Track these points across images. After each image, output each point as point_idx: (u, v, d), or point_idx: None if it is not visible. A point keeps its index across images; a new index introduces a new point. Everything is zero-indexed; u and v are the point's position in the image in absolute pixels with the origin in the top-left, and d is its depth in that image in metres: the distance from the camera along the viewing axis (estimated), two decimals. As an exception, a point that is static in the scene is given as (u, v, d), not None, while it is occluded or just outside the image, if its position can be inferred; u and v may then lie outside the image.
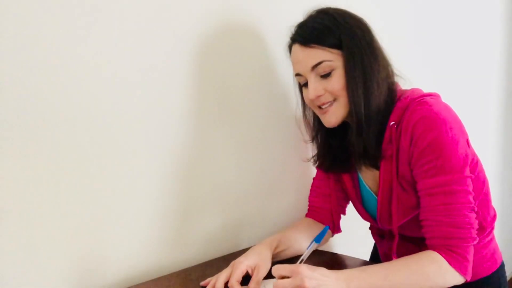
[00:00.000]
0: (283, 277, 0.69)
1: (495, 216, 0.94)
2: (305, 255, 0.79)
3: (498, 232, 2.59)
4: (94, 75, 0.78)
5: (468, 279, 0.78)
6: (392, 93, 0.86)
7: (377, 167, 0.87)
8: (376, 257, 1.11)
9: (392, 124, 0.83)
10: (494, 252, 0.95)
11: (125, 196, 0.84)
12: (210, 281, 0.80)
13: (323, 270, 0.70)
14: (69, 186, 0.76)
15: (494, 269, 0.94)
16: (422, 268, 0.75)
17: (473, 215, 0.77)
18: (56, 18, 0.73)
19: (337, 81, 0.82)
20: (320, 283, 0.67)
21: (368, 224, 1.07)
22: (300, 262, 0.77)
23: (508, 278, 2.67)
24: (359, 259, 0.97)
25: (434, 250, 0.77)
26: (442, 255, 0.76)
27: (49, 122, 0.73)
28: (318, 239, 0.78)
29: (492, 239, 0.95)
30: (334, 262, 0.95)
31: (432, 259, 0.76)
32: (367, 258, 1.18)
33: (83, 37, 0.76)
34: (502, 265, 0.97)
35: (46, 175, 0.74)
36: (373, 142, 0.84)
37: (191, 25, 0.92)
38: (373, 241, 1.18)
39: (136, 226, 0.87)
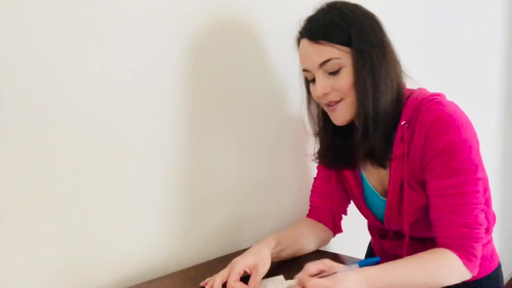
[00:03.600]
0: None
1: (494, 218, 0.95)
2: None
3: (498, 233, 2.60)
4: (96, 76, 0.78)
5: (475, 274, 0.80)
6: (400, 93, 0.85)
7: (384, 166, 0.87)
8: (372, 257, 1.11)
9: (404, 123, 0.82)
10: (493, 253, 0.96)
11: (125, 196, 0.84)
12: (209, 281, 0.80)
13: (346, 276, 0.70)
14: (69, 187, 0.76)
15: (493, 269, 0.95)
16: (440, 267, 0.77)
17: (483, 215, 0.79)
18: (55, 19, 0.73)
19: (345, 80, 0.81)
20: None
21: (364, 223, 1.07)
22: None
23: (508, 279, 2.67)
24: (359, 259, 0.97)
25: (447, 248, 0.79)
26: (456, 254, 0.78)
27: (49, 122, 0.73)
28: (362, 263, 0.78)
29: (491, 240, 0.97)
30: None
31: (448, 258, 0.78)
32: (362, 257, 1.18)
33: (83, 37, 0.76)
34: (499, 265, 0.98)
35: (47, 175, 0.74)
36: (379, 143, 0.83)
37: (191, 25, 0.92)
38: (366, 241, 1.17)
39: (136, 226, 0.87)
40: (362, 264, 0.77)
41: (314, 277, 0.71)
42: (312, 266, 0.72)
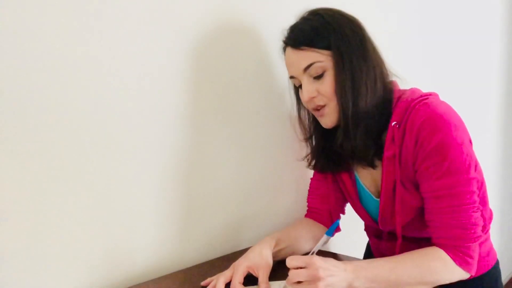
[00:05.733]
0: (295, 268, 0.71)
1: (491, 216, 0.95)
2: (316, 247, 0.80)
3: (498, 233, 2.60)
4: (94, 76, 0.79)
5: (473, 274, 0.80)
6: (388, 93, 0.86)
7: (373, 166, 0.87)
8: (370, 257, 1.11)
9: (394, 124, 0.83)
10: (490, 251, 0.96)
11: (125, 196, 0.85)
12: (211, 281, 0.80)
13: (333, 261, 0.72)
14: (69, 187, 0.77)
15: (490, 267, 0.95)
16: (428, 262, 0.77)
17: (478, 214, 0.79)
18: (56, 19, 0.73)
19: (329, 83, 0.83)
20: (332, 273, 0.69)
21: (362, 224, 1.08)
22: (312, 254, 0.78)
23: (508, 279, 2.67)
24: (357, 258, 0.98)
25: (441, 248, 0.79)
26: (448, 254, 0.78)
27: (49, 122, 0.74)
28: (330, 232, 0.79)
29: (488, 238, 0.97)
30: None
31: (437, 256, 0.78)
32: (361, 257, 1.19)
33: (83, 37, 0.77)
34: (497, 263, 0.98)
35: (46, 176, 0.74)
36: (361, 144, 0.84)
37: (189, 25, 0.92)
38: (365, 242, 1.18)
39: (136, 226, 0.87)
40: (330, 232, 0.79)
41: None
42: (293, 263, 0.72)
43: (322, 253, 1.00)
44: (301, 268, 0.70)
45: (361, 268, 0.73)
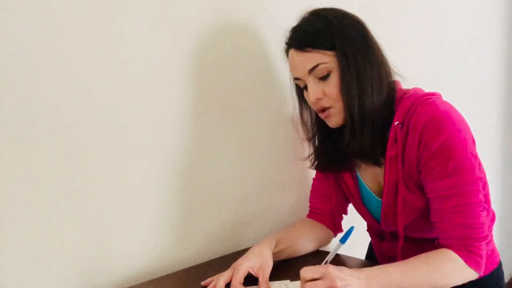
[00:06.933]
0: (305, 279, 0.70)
1: (494, 217, 0.95)
2: (330, 256, 0.80)
3: (499, 233, 2.59)
4: (95, 75, 0.78)
5: (482, 274, 0.79)
6: (392, 92, 0.86)
7: (379, 164, 0.87)
8: (372, 257, 1.11)
9: (397, 124, 0.82)
10: (493, 251, 0.96)
11: (125, 196, 0.85)
12: (211, 281, 0.80)
13: (346, 270, 0.72)
14: (69, 187, 0.77)
15: (494, 267, 0.95)
16: (441, 266, 0.76)
17: (485, 213, 0.78)
18: (56, 18, 0.73)
19: (335, 83, 0.82)
20: (348, 283, 0.69)
21: (364, 224, 1.07)
22: (325, 263, 0.77)
23: (508, 279, 2.67)
24: (359, 259, 0.97)
25: (450, 249, 0.78)
26: (459, 254, 0.77)
27: (49, 122, 0.73)
28: (344, 240, 0.79)
29: (491, 239, 0.96)
30: (334, 262, 0.95)
31: (450, 258, 0.77)
32: (363, 257, 1.18)
33: (84, 37, 0.76)
34: (500, 264, 0.98)
35: (46, 175, 0.74)
36: (367, 143, 0.84)
37: (191, 26, 0.92)
38: (367, 242, 1.17)
39: (136, 226, 0.87)
40: (344, 240, 0.79)
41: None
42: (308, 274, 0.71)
43: (323, 253, 0.99)
44: (316, 279, 0.69)
45: (374, 276, 0.73)
